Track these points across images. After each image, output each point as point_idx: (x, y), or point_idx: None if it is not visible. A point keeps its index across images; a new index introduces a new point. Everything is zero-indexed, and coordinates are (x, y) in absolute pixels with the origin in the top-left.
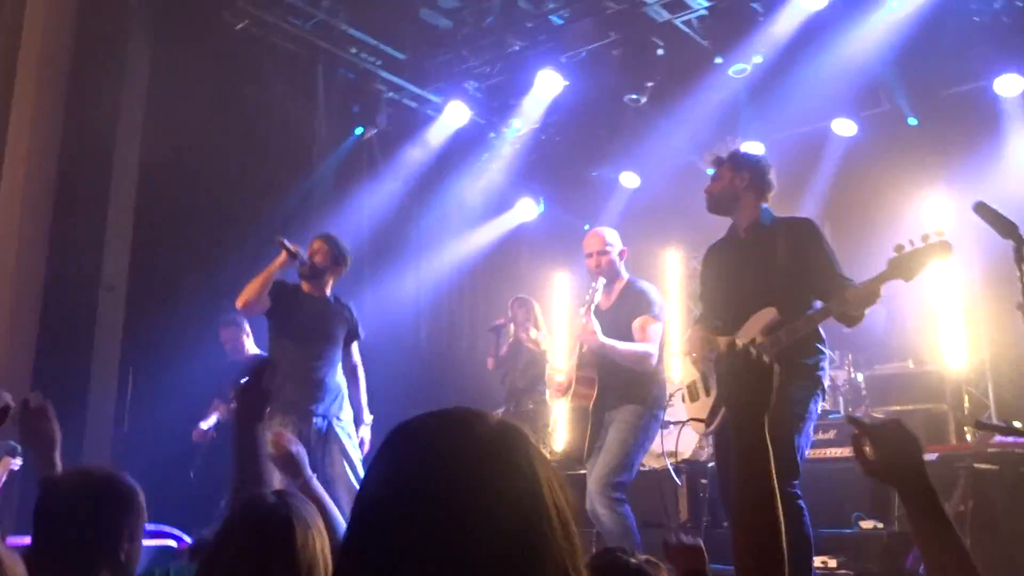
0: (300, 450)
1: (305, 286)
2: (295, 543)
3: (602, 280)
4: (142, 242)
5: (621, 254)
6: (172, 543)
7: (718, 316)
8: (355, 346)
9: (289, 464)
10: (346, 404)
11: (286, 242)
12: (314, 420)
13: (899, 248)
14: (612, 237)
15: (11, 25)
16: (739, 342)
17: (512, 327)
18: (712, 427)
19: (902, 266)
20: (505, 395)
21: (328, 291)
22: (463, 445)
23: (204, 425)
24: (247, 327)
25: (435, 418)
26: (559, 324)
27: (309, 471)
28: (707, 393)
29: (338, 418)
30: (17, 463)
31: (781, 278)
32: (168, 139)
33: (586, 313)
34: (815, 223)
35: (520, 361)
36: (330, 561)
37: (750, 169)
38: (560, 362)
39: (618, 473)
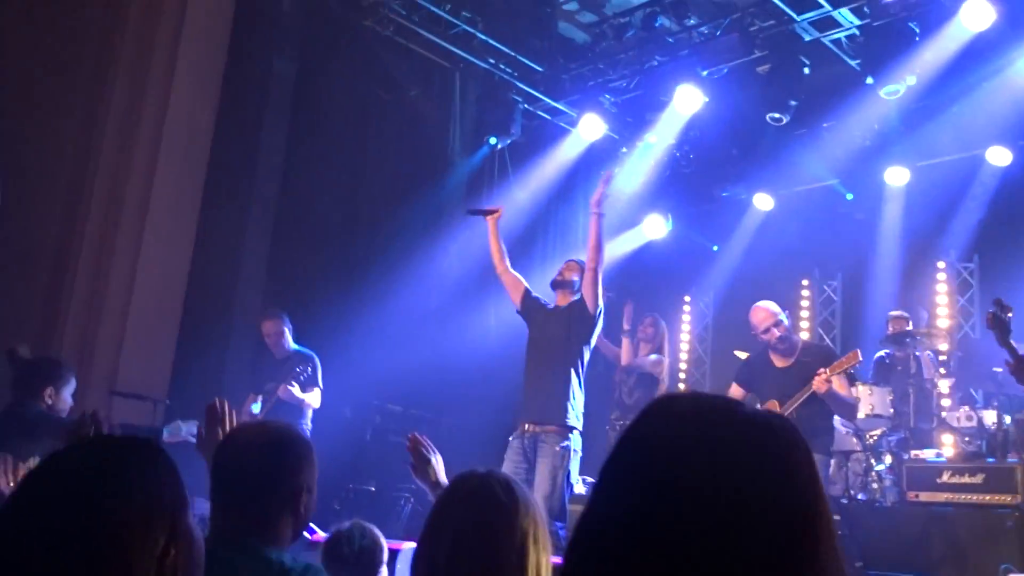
0: (436, 458)
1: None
2: (517, 509)
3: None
4: (281, 240)
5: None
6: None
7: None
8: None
9: (421, 469)
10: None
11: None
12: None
13: None
14: (775, 307)
15: (171, 35)
16: None
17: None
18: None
19: None
20: (612, 404)
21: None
22: (727, 426)
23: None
24: (288, 324)
25: (695, 398)
26: (677, 347)
27: (442, 479)
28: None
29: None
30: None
31: None
32: (310, 142)
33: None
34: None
35: (632, 377)
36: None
37: None
38: None
39: None
